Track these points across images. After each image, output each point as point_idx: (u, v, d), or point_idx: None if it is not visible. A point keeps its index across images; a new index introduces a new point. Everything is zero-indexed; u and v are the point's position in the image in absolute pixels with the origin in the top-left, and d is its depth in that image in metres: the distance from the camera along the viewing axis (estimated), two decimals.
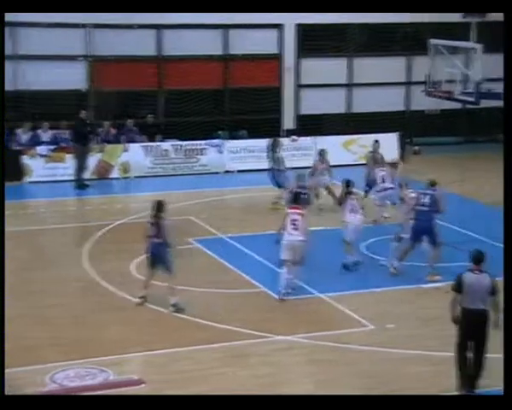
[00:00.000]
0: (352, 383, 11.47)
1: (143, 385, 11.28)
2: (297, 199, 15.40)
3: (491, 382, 11.12)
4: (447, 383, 11.26)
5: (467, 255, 11.25)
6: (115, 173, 24.01)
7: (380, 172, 19.30)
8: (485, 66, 21.49)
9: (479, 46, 21.39)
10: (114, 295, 14.60)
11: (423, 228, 15.34)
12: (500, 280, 10.71)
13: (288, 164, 21.26)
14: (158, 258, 13.88)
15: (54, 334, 12.92)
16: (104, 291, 14.88)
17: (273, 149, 20.98)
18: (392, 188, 18.81)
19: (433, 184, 15.58)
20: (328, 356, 12.40)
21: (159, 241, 13.81)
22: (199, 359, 12.21)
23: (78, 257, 16.68)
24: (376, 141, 21.07)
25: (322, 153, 20.53)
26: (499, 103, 24.34)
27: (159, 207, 14.00)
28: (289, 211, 14.79)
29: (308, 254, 14.70)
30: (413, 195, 15.85)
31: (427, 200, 15.35)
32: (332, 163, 20.68)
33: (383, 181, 19.12)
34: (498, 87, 22.72)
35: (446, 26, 26.19)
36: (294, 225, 14.50)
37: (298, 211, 14.71)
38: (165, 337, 12.93)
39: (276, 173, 20.46)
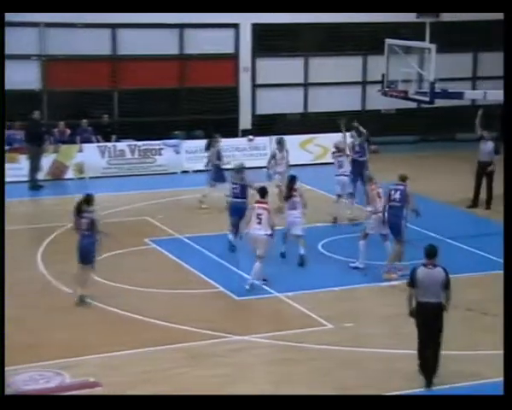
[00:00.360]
0: (310, 383, 11.44)
1: (100, 388, 11.13)
2: (264, 193, 15.10)
3: (443, 379, 11.21)
4: (404, 381, 11.31)
5: (421, 253, 11.32)
6: (70, 174, 23.71)
7: (339, 158, 19.37)
8: (439, 65, 21.65)
9: (432, 46, 21.52)
10: (69, 297, 14.40)
11: (390, 223, 15.39)
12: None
13: (246, 164, 21.04)
14: (85, 251, 14.02)
15: (6, 337, 12.65)
16: (59, 293, 14.70)
17: (208, 147, 20.89)
18: (347, 175, 19.05)
19: (403, 179, 15.59)
20: (286, 356, 12.38)
21: (88, 234, 14.00)
22: (156, 360, 12.10)
23: (32, 259, 16.45)
24: (354, 126, 21.00)
25: (281, 141, 20.33)
26: (454, 103, 24.73)
27: (88, 200, 14.19)
28: (255, 205, 14.84)
29: (267, 253, 14.72)
30: (380, 190, 15.88)
31: (397, 195, 15.36)
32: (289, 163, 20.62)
33: (340, 167, 19.25)
34: (452, 87, 22.97)
35: (402, 26, 26.38)
36: (259, 219, 14.59)
37: (263, 205, 14.75)
38: (121, 339, 12.79)
39: (214, 169, 20.30)
